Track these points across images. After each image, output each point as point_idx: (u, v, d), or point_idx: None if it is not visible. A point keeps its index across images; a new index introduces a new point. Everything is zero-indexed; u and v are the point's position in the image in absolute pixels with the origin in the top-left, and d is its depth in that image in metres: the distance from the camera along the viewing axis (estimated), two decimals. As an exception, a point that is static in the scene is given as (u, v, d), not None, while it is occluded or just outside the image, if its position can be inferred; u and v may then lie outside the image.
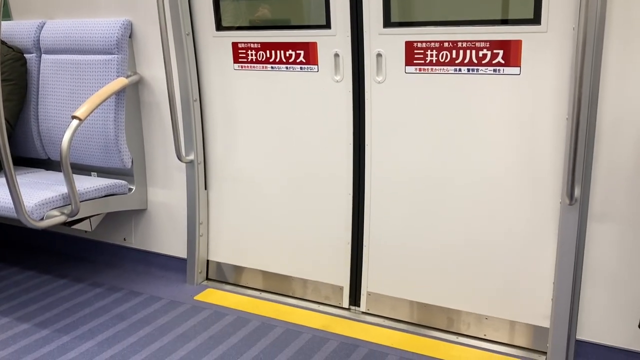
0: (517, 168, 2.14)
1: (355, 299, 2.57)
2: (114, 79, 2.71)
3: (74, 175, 2.49)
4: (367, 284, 2.53)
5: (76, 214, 2.51)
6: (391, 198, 2.40)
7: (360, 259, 2.53)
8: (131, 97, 2.80)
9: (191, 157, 2.74)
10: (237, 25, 2.56)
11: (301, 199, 2.61)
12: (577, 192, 1.98)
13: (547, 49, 1.98)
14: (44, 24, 2.96)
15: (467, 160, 2.22)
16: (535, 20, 1.97)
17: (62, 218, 2.47)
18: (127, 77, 2.74)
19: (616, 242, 2.02)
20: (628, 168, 1.95)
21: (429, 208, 2.34)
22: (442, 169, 2.27)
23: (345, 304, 2.60)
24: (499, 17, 2.06)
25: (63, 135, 2.44)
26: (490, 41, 2.06)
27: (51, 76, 2.91)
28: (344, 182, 2.48)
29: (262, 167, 2.67)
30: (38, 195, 2.44)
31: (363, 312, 2.56)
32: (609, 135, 1.95)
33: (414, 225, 2.38)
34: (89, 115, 2.55)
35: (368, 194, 2.44)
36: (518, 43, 2.02)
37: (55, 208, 2.47)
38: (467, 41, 2.10)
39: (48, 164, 3.12)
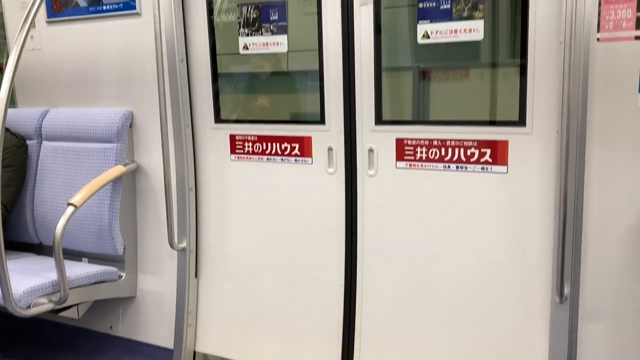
0: (506, 266, 2.15)
1: (346, 393, 2.50)
2: (112, 167, 2.76)
3: (65, 261, 2.47)
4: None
5: (64, 302, 2.47)
6: (382, 291, 2.39)
7: (351, 351, 2.48)
8: (127, 183, 2.84)
9: (183, 244, 2.74)
10: (235, 118, 2.65)
11: (293, 289, 2.59)
12: (566, 290, 1.99)
13: (533, 149, 2.06)
14: (47, 112, 3.05)
15: (456, 258, 2.24)
16: (521, 122, 2.06)
17: (50, 306, 2.43)
18: (125, 165, 2.79)
19: (608, 340, 2.00)
20: (616, 265, 1.97)
21: (418, 305, 2.33)
22: (430, 266, 2.29)
23: (336, 398, 2.52)
24: (486, 118, 2.15)
25: (57, 221, 2.45)
26: (478, 140, 2.14)
27: (50, 162, 2.96)
28: (336, 273, 2.48)
29: (254, 257, 2.67)
30: (27, 282, 2.41)
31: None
32: (595, 233, 1.98)
33: (403, 321, 2.36)
34: (84, 202, 2.57)
35: (360, 284, 2.43)
36: (505, 143, 2.10)
37: (44, 295, 2.44)
38: (455, 140, 2.18)
39: (39, 249, 3.10)
